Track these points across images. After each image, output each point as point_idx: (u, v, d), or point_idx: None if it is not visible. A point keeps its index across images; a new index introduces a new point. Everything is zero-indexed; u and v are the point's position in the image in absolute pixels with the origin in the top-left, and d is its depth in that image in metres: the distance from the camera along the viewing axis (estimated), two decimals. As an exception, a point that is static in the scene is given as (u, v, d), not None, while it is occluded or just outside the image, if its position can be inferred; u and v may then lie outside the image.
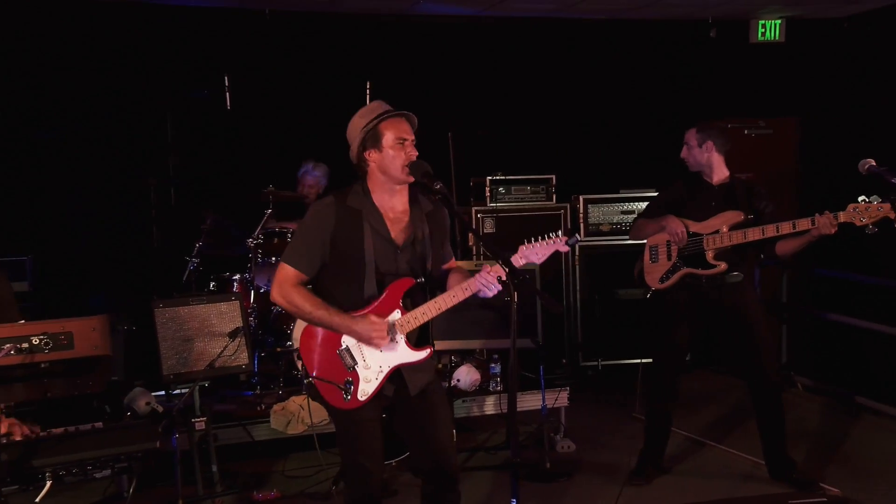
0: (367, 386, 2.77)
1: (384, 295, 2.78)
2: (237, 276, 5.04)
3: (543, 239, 2.74)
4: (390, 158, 2.76)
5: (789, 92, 6.66)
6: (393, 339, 2.77)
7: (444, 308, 2.78)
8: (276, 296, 2.80)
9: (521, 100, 6.62)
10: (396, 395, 2.85)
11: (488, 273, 2.70)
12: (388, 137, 2.77)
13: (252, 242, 4.95)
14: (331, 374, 2.77)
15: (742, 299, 4.02)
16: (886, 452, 4.56)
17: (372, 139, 2.78)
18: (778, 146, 6.44)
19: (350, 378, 2.77)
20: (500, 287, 2.69)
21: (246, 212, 5.24)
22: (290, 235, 5.09)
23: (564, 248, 2.73)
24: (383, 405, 2.86)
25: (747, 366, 4.05)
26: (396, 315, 2.79)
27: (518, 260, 2.73)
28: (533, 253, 2.73)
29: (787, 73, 6.72)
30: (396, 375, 2.82)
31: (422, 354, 2.80)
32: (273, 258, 5.05)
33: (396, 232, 2.83)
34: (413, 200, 2.88)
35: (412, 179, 2.78)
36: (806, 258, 4.51)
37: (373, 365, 2.78)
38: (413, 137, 2.79)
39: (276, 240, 5.11)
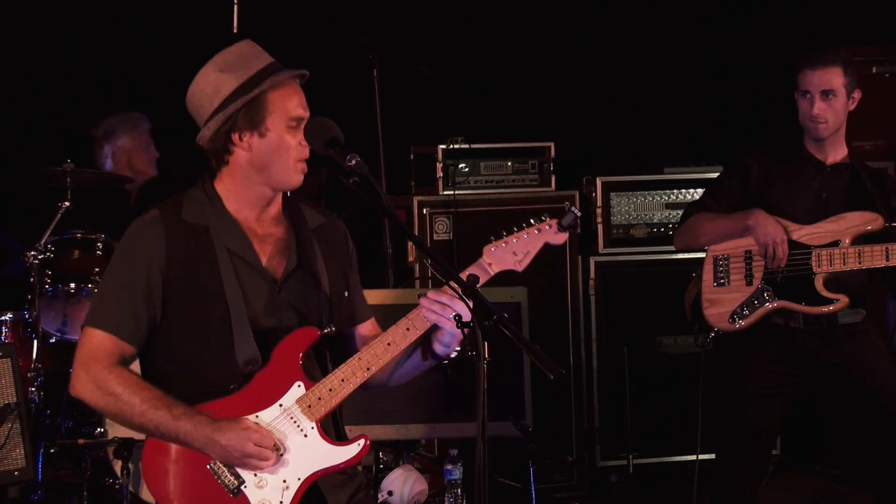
0: None
1: (271, 362, 2.84)
2: (8, 316, 5.09)
3: (519, 230, 2.80)
4: (280, 149, 2.85)
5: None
6: (302, 434, 2.83)
7: (374, 367, 2.85)
8: (79, 385, 2.85)
9: (496, 16, 6.63)
10: None
11: (442, 294, 2.74)
12: (280, 115, 2.85)
13: (35, 258, 4.99)
14: None
15: (863, 353, 4.14)
16: None
17: (250, 116, 2.84)
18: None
19: None
20: (463, 318, 2.72)
21: (24, 206, 5.31)
22: (99, 247, 5.17)
23: (558, 239, 2.80)
24: None
25: (872, 463, 4.16)
26: (297, 391, 2.84)
27: (484, 269, 2.79)
28: (506, 254, 2.80)
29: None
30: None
31: (352, 451, 2.85)
32: (72, 284, 5.11)
33: (269, 256, 2.94)
34: (289, 209, 3.01)
35: (300, 181, 2.90)
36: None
37: (273, 479, 2.83)
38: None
39: (77, 252, 5.18)
